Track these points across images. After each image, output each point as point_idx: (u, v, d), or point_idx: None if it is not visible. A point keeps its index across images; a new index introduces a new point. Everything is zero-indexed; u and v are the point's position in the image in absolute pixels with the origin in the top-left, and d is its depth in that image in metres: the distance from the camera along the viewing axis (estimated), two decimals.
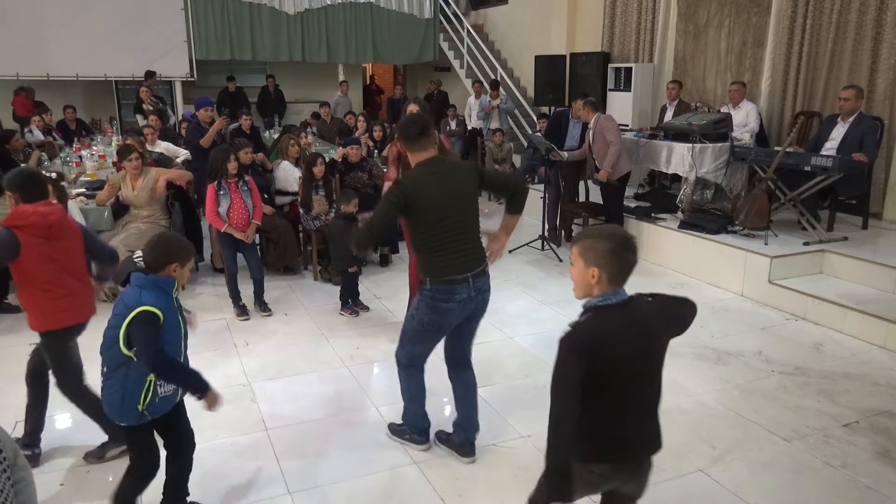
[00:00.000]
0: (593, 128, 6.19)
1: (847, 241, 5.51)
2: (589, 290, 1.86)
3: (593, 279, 1.82)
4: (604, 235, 1.83)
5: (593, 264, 1.81)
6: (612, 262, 1.80)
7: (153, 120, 7.14)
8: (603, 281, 1.82)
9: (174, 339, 2.48)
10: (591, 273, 1.82)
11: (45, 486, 2.88)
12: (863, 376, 3.94)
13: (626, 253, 1.81)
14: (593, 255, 1.81)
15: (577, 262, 1.86)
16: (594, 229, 1.91)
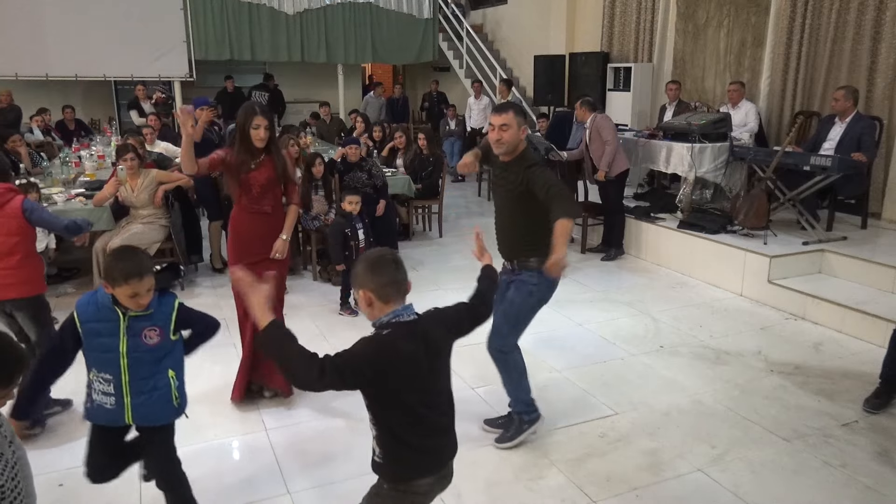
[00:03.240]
0: (590, 127, 6.21)
1: (846, 240, 5.51)
2: (371, 313, 1.90)
3: (363, 302, 1.89)
4: (361, 260, 1.92)
5: (360, 288, 1.89)
6: (369, 277, 1.86)
7: (152, 119, 7.14)
8: (375, 302, 1.87)
9: (100, 358, 2.31)
10: (363, 298, 1.89)
11: (44, 486, 2.87)
12: (862, 376, 3.95)
13: (378, 268, 1.87)
14: (357, 281, 1.90)
15: (357, 294, 1.94)
16: (361, 257, 1.97)
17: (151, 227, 5.23)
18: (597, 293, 5.45)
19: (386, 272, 1.87)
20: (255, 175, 3.39)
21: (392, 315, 1.87)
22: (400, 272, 1.89)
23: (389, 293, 1.87)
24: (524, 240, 3.10)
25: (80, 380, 2.50)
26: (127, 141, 5.57)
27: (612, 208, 6.37)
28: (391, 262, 1.89)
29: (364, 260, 1.91)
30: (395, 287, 1.88)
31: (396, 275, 1.88)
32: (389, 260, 1.90)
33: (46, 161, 7.17)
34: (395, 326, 1.86)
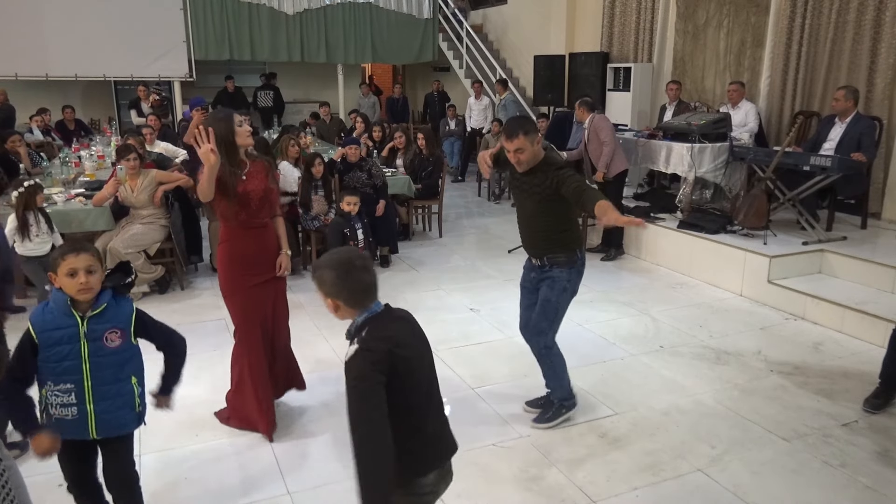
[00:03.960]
0: (588, 128, 6.21)
1: (846, 240, 5.51)
2: (340, 316, 1.82)
3: (331, 308, 1.79)
4: (325, 266, 1.79)
5: (328, 295, 1.78)
6: (338, 285, 1.76)
7: (152, 120, 7.14)
8: (343, 307, 1.78)
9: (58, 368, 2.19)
10: (330, 305, 1.79)
11: (44, 486, 2.87)
12: (862, 376, 3.95)
13: (353, 274, 1.76)
14: (324, 288, 1.78)
15: (324, 300, 1.82)
16: (322, 259, 1.83)
17: (151, 227, 5.22)
18: (597, 293, 5.45)
19: (358, 278, 1.77)
20: (251, 186, 3.10)
21: (366, 314, 1.79)
22: (372, 275, 1.80)
23: (360, 299, 1.78)
24: (553, 238, 3.23)
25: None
26: (127, 141, 5.57)
27: None
28: (362, 268, 1.78)
29: (331, 265, 1.77)
30: (368, 293, 1.79)
31: (369, 279, 1.78)
32: (360, 266, 1.78)
33: (46, 161, 7.17)
34: (372, 322, 1.78)
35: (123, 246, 5.02)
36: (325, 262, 1.81)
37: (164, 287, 5.43)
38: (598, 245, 6.60)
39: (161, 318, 4.62)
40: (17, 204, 4.50)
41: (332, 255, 1.83)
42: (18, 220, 4.51)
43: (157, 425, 3.40)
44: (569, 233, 3.25)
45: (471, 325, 4.79)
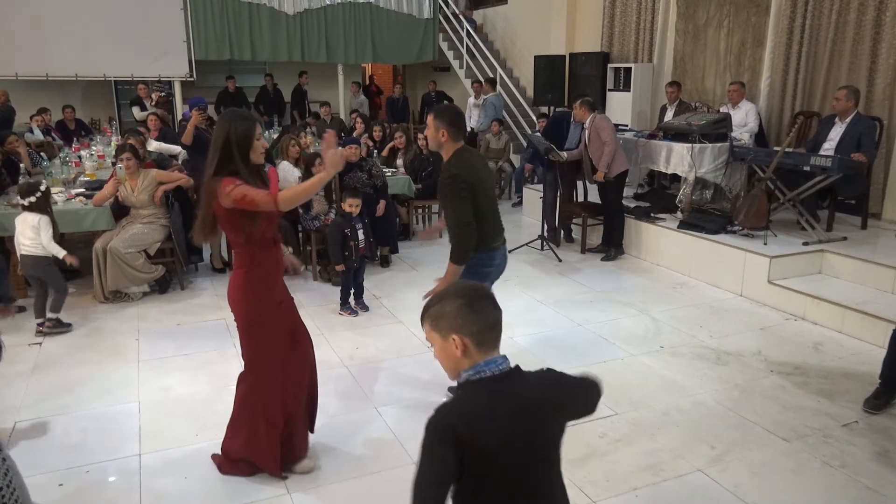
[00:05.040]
0: (589, 128, 6.21)
1: (846, 241, 5.51)
2: (458, 366, 1.50)
3: (458, 350, 1.47)
4: (448, 295, 1.51)
5: (450, 331, 1.47)
6: (469, 319, 1.47)
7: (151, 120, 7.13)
8: (469, 347, 1.47)
9: None
10: (452, 344, 1.47)
11: (43, 486, 2.88)
12: (862, 376, 3.95)
13: (481, 304, 1.49)
14: (445, 322, 1.48)
15: (434, 339, 1.51)
16: (435, 295, 1.55)
17: (152, 226, 5.23)
18: (597, 293, 5.45)
19: (487, 311, 1.49)
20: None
21: (477, 370, 1.47)
22: (499, 311, 1.52)
23: (487, 338, 1.48)
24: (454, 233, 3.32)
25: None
26: (127, 141, 5.57)
27: (611, 209, 6.37)
28: (489, 298, 1.51)
29: (456, 296, 1.49)
30: (495, 331, 1.50)
31: (497, 315, 1.51)
32: (487, 294, 1.52)
33: (46, 161, 7.17)
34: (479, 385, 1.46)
35: (124, 246, 5.03)
36: (444, 294, 1.52)
37: (165, 287, 5.43)
38: (598, 245, 6.60)
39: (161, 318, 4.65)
40: (46, 204, 4.55)
41: (450, 288, 1.54)
42: (53, 220, 4.55)
43: (156, 425, 3.41)
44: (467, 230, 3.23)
45: None
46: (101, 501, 2.82)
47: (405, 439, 3.29)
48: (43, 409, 3.57)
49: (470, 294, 1.50)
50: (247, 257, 2.75)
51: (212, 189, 2.60)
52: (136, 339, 4.50)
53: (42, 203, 4.51)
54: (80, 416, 3.51)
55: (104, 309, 5.04)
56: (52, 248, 4.49)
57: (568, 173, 6.73)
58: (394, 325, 4.77)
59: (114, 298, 5.18)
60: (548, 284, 5.68)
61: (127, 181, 5.16)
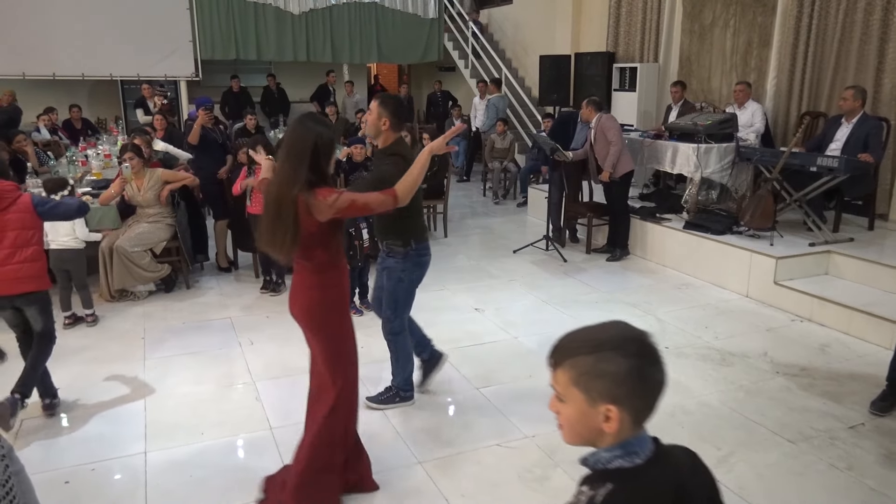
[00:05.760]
0: (595, 127, 6.19)
1: (853, 241, 5.49)
2: (595, 438, 1.14)
3: (607, 422, 1.10)
4: (612, 345, 1.11)
5: (607, 400, 1.09)
6: (638, 391, 1.11)
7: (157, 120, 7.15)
8: (624, 423, 1.11)
9: None
10: (601, 413, 1.10)
11: (50, 483, 2.89)
12: (868, 378, 3.93)
13: (654, 370, 1.13)
14: (602, 385, 1.09)
15: (571, 395, 1.12)
16: (588, 335, 1.15)
17: (157, 226, 5.24)
18: (602, 294, 5.44)
19: (659, 380, 1.14)
20: None
21: (628, 450, 1.12)
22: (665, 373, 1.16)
23: (647, 416, 1.15)
24: (387, 224, 3.28)
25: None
26: (133, 140, 5.59)
27: (616, 209, 6.36)
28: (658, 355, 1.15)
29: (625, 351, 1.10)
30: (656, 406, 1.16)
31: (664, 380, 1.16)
32: (655, 356, 1.15)
33: (53, 160, 7.19)
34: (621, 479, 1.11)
35: (130, 244, 5.04)
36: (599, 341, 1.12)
37: (170, 286, 5.45)
38: (603, 245, 6.59)
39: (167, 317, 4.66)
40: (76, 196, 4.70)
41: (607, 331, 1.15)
42: None
43: (162, 423, 3.42)
44: (402, 221, 3.20)
45: (475, 325, 4.79)
46: (106, 499, 2.83)
47: (409, 438, 3.29)
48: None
49: (644, 352, 1.12)
50: (328, 270, 2.57)
51: (305, 203, 2.37)
52: (141, 338, 4.51)
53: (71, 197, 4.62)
54: (86, 414, 3.52)
55: (110, 308, 5.06)
56: (92, 237, 4.79)
57: (573, 173, 6.72)
58: None
59: (120, 297, 5.20)
60: (553, 284, 5.67)
61: (133, 180, 5.18)
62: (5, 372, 3.80)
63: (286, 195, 2.37)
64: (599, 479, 1.11)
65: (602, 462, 1.12)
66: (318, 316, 2.58)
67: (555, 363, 1.16)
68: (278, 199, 2.39)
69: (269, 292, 5.43)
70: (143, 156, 5.30)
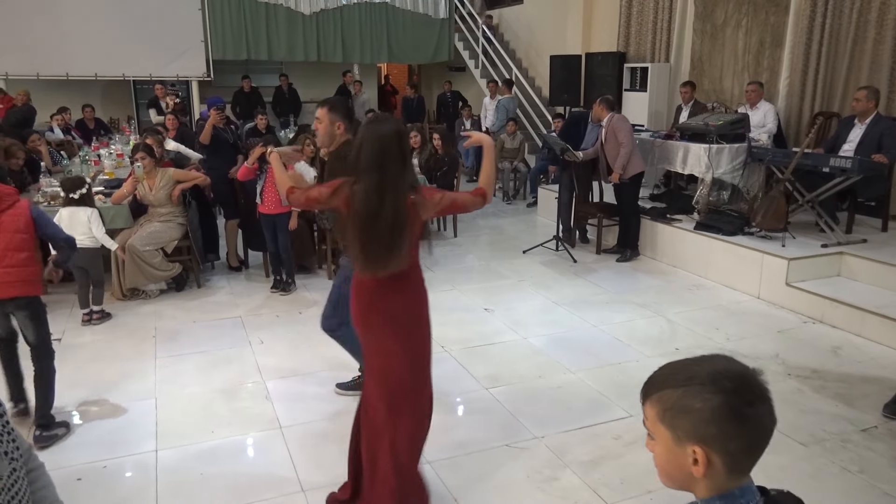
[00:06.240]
0: (606, 126, 6.17)
1: (866, 243, 5.44)
2: (687, 482, 1.04)
3: (696, 466, 1.00)
4: (701, 381, 1.00)
5: (693, 440, 0.99)
6: (730, 432, 0.98)
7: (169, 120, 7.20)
8: (717, 468, 1.00)
9: None
10: (688, 455, 1.00)
11: (62, 480, 2.91)
12: (881, 380, 3.89)
13: (750, 410, 0.98)
14: (687, 422, 0.99)
15: (660, 433, 1.04)
16: (680, 368, 1.07)
17: (169, 225, 5.27)
18: (612, 294, 5.43)
19: (760, 420, 1.00)
20: None
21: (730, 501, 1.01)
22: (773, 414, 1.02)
23: (747, 463, 1.01)
24: None
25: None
26: (145, 140, 5.63)
27: (627, 209, 6.33)
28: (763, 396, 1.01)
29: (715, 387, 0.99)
30: (759, 453, 1.02)
31: (770, 425, 1.01)
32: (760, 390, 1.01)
33: (66, 160, 7.26)
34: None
35: (141, 243, 5.08)
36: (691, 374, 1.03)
37: (181, 285, 5.48)
38: (613, 246, 6.57)
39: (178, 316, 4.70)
40: (91, 197, 4.80)
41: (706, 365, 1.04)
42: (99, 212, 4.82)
43: (173, 422, 3.45)
44: None
45: (485, 325, 4.79)
46: (118, 497, 2.85)
47: None
48: (61, 404, 3.61)
49: (741, 389, 0.98)
50: (417, 267, 2.53)
51: (417, 204, 2.35)
52: (152, 337, 4.54)
53: (89, 196, 4.73)
54: (97, 412, 3.55)
55: (122, 306, 5.10)
56: (106, 241, 4.78)
57: (584, 174, 6.70)
58: None
59: (131, 296, 5.23)
60: (563, 285, 5.66)
61: (145, 180, 5.21)
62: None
63: (401, 200, 2.31)
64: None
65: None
66: (410, 315, 2.50)
67: (644, 396, 1.08)
68: (395, 206, 2.30)
69: (279, 292, 5.45)
70: (155, 155, 5.34)
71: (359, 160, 2.33)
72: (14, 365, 3.46)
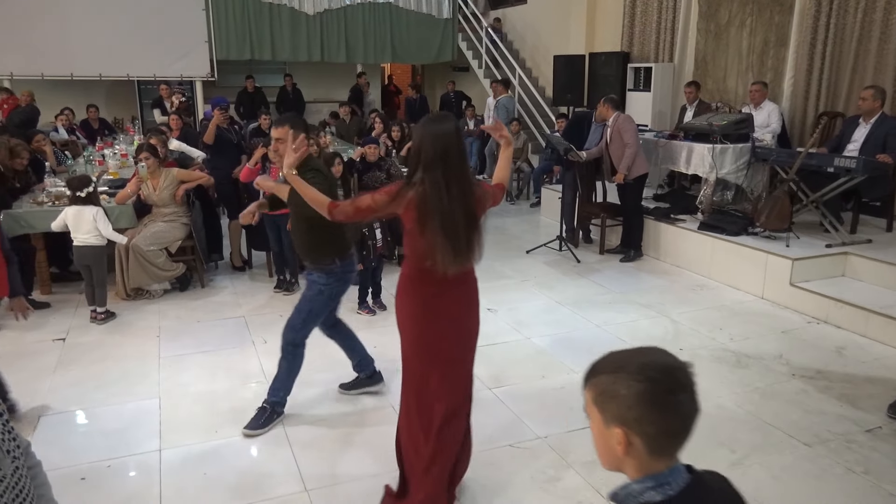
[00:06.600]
0: (611, 126, 6.16)
1: (870, 243, 5.42)
2: (617, 462, 1.13)
3: (619, 447, 1.09)
4: (630, 369, 1.09)
5: (617, 422, 1.09)
6: (648, 417, 1.06)
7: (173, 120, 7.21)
8: (638, 450, 1.08)
9: None
10: (613, 436, 1.10)
11: (66, 480, 2.92)
12: (886, 381, 3.88)
13: (672, 399, 1.06)
14: (613, 406, 1.09)
15: (593, 416, 1.14)
16: (616, 357, 1.15)
17: (173, 225, 5.28)
18: (615, 294, 5.42)
19: (679, 411, 1.07)
20: None
21: (659, 481, 1.08)
22: (696, 404, 1.09)
23: (668, 444, 1.09)
24: (315, 241, 3.21)
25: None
26: (149, 140, 5.64)
27: (630, 210, 6.32)
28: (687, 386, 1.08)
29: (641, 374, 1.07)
30: (682, 437, 1.09)
31: (693, 416, 1.09)
32: (684, 380, 1.08)
33: (71, 160, 7.28)
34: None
35: (145, 243, 5.09)
36: (622, 363, 1.12)
37: (185, 284, 5.49)
38: (616, 246, 6.56)
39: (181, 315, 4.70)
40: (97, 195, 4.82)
41: (637, 356, 1.12)
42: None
43: (176, 421, 3.45)
44: (331, 239, 3.17)
45: (488, 325, 4.78)
46: (122, 496, 2.86)
47: None
48: (66, 404, 3.63)
49: (664, 379, 1.06)
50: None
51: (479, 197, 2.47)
52: (156, 336, 4.55)
53: (94, 195, 4.75)
54: (101, 412, 3.56)
55: (126, 306, 5.11)
56: (114, 237, 4.81)
57: (587, 174, 6.69)
58: None
59: (135, 296, 5.24)
60: (566, 285, 5.66)
61: (149, 180, 5.23)
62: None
63: (469, 193, 2.38)
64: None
65: (633, 495, 1.09)
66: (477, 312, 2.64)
67: (584, 382, 1.17)
68: (467, 199, 2.36)
69: (282, 291, 5.46)
70: (159, 155, 5.35)
71: (420, 159, 2.35)
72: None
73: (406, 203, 2.35)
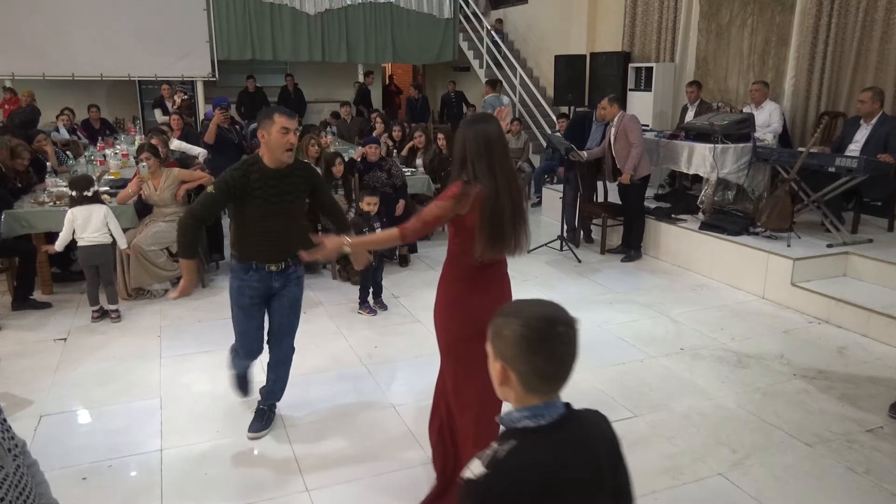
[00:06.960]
0: (616, 125, 6.14)
1: (872, 243, 5.42)
2: (503, 393, 1.30)
3: (498, 378, 1.27)
4: (518, 314, 1.24)
5: (500, 358, 1.25)
6: (522, 357, 1.22)
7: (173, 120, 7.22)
8: (514, 384, 1.25)
9: None
10: (495, 370, 1.27)
11: (67, 479, 2.92)
12: (887, 381, 3.88)
13: (547, 345, 1.22)
14: (500, 344, 1.25)
15: (490, 351, 1.29)
16: (516, 305, 1.30)
17: (174, 225, 5.25)
18: (616, 294, 5.42)
19: (554, 351, 1.24)
20: None
21: (531, 416, 1.24)
22: (573, 352, 1.27)
23: (541, 384, 1.25)
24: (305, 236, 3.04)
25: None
26: (150, 140, 5.64)
27: (632, 210, 6.32)
28: (564, 338, 1.24)
29: (522, 319, 1.23)
30: (557, 378, 1.26)
31: (568, 356, 1.26)
32: (562, 333, 1.24)
33: (72, 160, 7.28)
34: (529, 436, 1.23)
35: (147, 243, 5.09)
36: (516, 310, 1.26)
37: None
38: (618, 246, 6.56)
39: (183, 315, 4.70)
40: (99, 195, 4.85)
41: (531, 307, 1.26)
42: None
43: (177, 421, 3.45)
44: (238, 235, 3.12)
45: None
46: (123, 496, 2.86)
47: (422, 437, 3.29)
48: (67, 403, 3.63)
49: (543, 328, 1.22)
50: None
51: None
52: (157, 336, 4.55)
53: (98, 194, 4.78)
54: (103, 412, 3.56)
55: (127, 306, 5.11)
56: (122, 237, 4.84)
57: (588, 173, 6.69)
58: (412, 325, 4.78)
59: (136, 296, 5.25)
60: (567, 285, 5.66)
61: (150, 180, 5.23)
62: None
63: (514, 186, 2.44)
64: (506, 437, 1.24)
65: (512, 421, 1.25)
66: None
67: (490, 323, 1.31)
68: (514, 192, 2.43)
69: None
70: (160, 155, 5.35)
71: (466, 155, 2.38)
72: None
73: (472, 200, 2.35)
